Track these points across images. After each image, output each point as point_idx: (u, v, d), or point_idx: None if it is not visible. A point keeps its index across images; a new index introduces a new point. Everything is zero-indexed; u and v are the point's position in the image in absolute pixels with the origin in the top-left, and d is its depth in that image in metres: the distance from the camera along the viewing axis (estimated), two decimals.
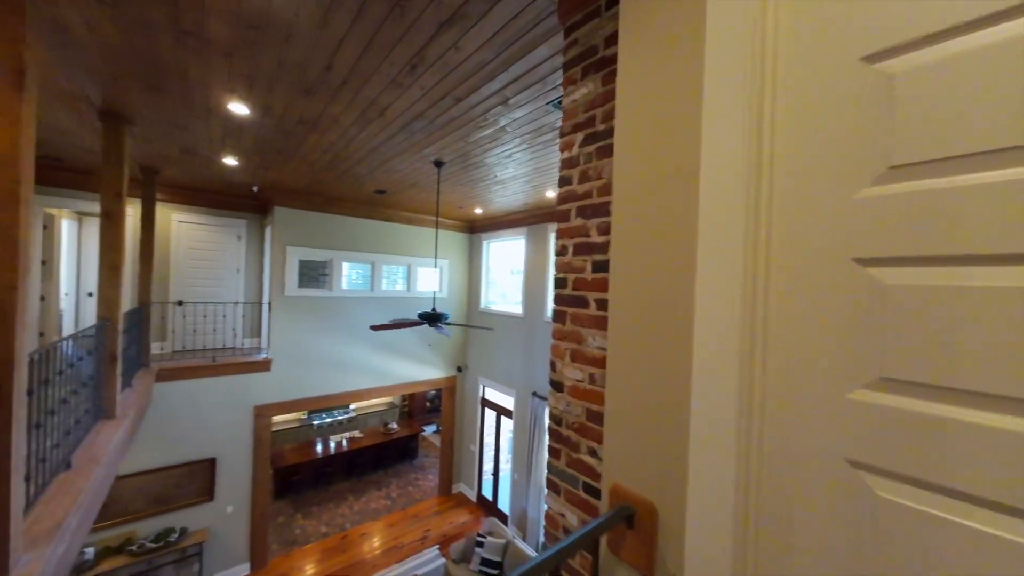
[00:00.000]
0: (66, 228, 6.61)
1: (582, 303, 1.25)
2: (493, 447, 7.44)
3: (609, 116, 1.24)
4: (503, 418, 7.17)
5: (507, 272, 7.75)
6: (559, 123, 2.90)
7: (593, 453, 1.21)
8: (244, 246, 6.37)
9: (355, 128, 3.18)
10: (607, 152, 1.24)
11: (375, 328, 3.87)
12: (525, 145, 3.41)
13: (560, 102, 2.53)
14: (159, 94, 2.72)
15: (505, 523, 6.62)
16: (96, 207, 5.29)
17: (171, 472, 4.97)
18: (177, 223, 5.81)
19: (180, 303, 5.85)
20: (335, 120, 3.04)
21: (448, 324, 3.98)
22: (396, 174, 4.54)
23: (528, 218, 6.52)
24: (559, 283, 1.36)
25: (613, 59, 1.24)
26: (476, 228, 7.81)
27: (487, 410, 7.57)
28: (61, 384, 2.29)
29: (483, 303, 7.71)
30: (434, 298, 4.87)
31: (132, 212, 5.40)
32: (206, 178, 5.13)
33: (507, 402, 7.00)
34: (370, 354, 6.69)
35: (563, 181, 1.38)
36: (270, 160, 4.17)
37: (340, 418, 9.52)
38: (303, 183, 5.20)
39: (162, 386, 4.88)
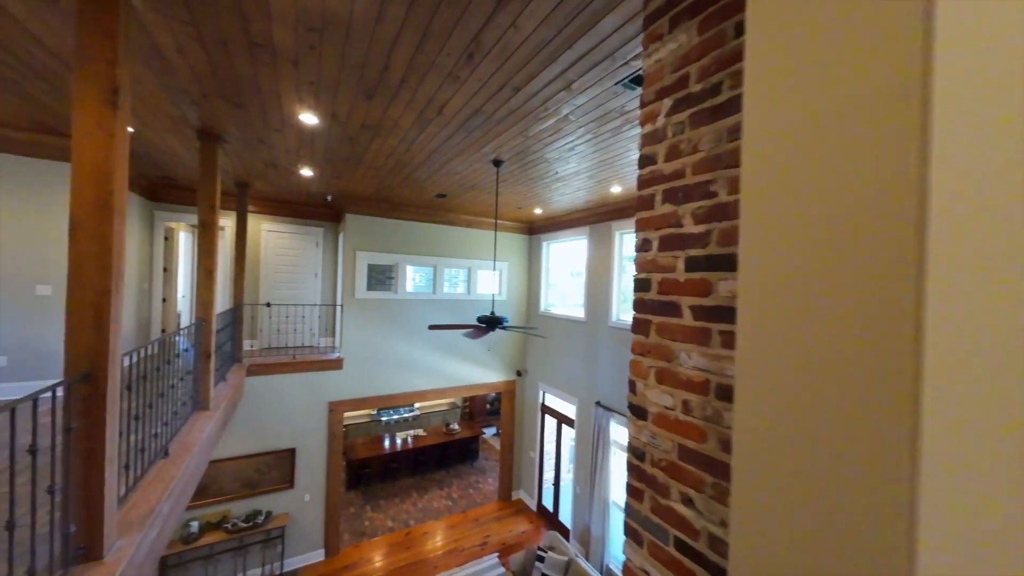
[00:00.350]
0: (183, 239, 7.67)
1: (672, 310, 0.99)
2: (554, 455, 7.17)
3: (707, 73, 0.97)
4: (564, 426, 6.87)
5: (567, 274, 7.46)
6: (628, 106, 2.61)
7: (688, 502, 0.94)
8: (321, 252, 6.85)
9: (414, 130, 3.17)
10: (705, 118, 0.97)
11: (433, 328, 3.85)
12: (589, 135, 3.14)
13: (632, 80, 2.25)
14: (242, 110, 2.93)
15: (567, 538, 6.31)
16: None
17: (258, 459, 5.45)
18: (266, 232, 6.42)
19: (268, 304, 6.43)
20: (395, 123, 3.05)
21: (506, 328, 3.83)
22: (455, 176, 4.53)
23: (590, 217, 6.18)
24: (640, 285, 1.10)
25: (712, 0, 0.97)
26: (535, 229, 7.64)
27: (547, 417, 7.33)
28: (159, 379, 2.50)
29: (543, 306, 7.50)
30: (493, 301, 4.76)
31: (229, 223, 6.06)
32: (288, 189, 5.58)
33: (568, 410, 6.70)
34: (432, 356, 6.81)
35: (644, 161, 1.12)
36: (339, 168, 4.38)
37: (406, 415, 9.90)
38: (370, 190, 5.43)
39: (252, 380, 5.37)
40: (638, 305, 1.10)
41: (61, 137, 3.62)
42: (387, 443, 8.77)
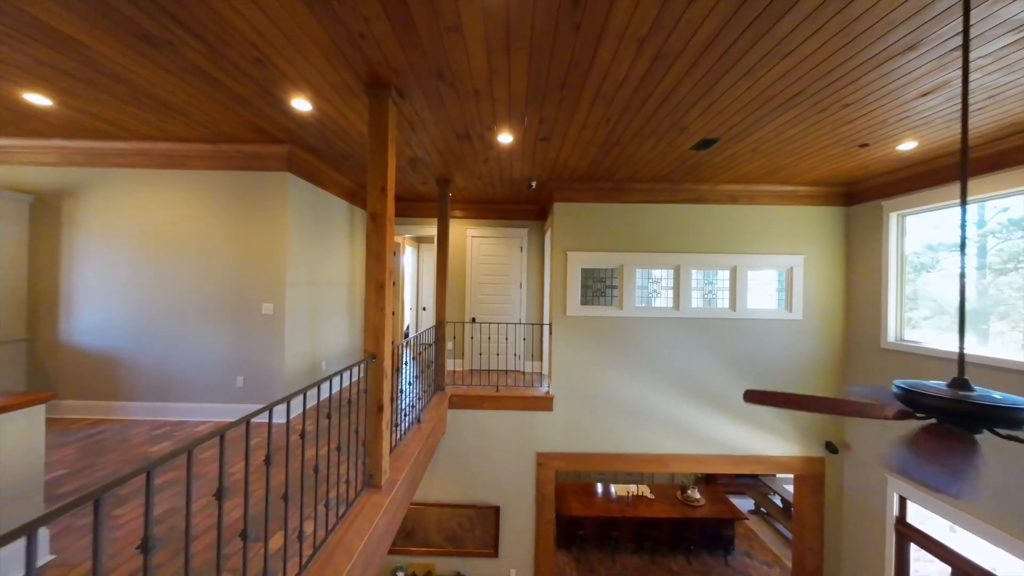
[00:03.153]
0: (409, 253, 8.08)
1: None
2: None
3: None
4: None
5: (948, 273, 3.77)
6: None
7: None
8: (525, 257, 5.68)
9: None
10: None
11: (752, 399, 1.62)
12: None
13: None
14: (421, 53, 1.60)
15: None
16: (424, 230, 5.74)
17: (462, 511, 4.50)
18: (470, 237, 5.70)
19: (473, 320, 5.65)
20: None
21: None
22: (737, 105, 2.22)
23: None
24: None
25: None
26: (865, 192, 4.27)
27: (910, 546, 3.79)
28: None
29: (890, 333, 4.02)
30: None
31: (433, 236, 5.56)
32: (489, 180, 4.52)
33: (983, 554, 3.09)
34: (679, 404, 4.52)
35: None
36: (550, 112, 2.78)
37: None
38: (587, 161, 3.73)
39: (455, 413, 4.49)
40: None
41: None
42: (599, 488, 6.91)
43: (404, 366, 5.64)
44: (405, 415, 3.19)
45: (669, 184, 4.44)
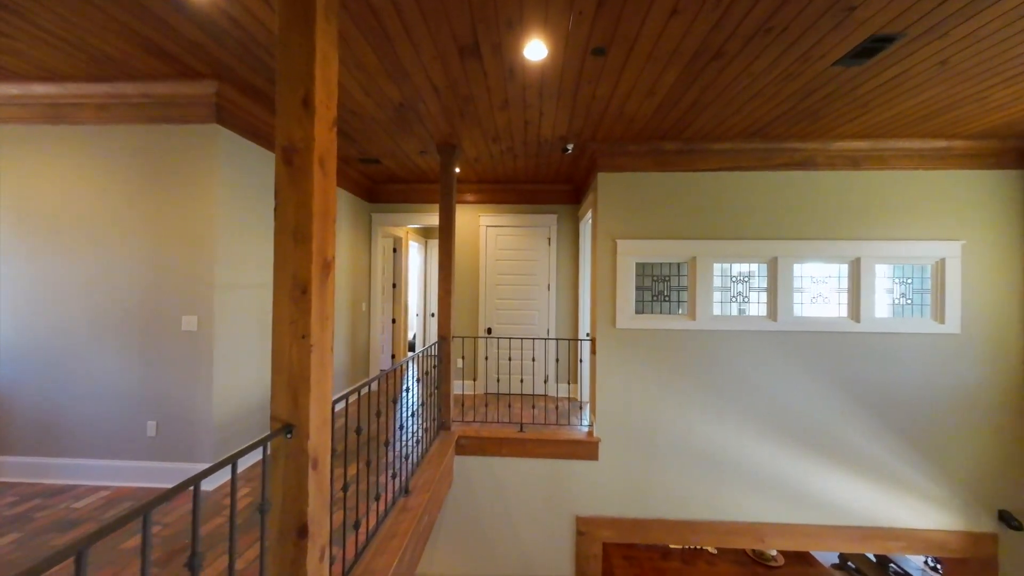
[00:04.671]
0: (414, 250, 6.97)
1: None
2: None
3: None
4: None
5: None
6: None
7: None
8: (555, 252, 4.46)
9: None
10: None
11: None
12: None
13: None
14: None
15: None
16: (432, 220, 4.60)
17: None
18: (485, 227, 4.52)
19: (489, 332, 4.47)
20: None
21: None
22: None
23: None
24: None
25: None
26: None
27: None
28: None
29: None
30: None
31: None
32: (506, 145, 3.33)
33: None
34: (771, 448, 3.21)
35: None
36: (604, 26, 1.56)
37: None
38: (655, 101, 2.49)
39: (465, 462, 3.31)
40: None
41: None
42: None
43: (405, 392, 4.51)
44: (394, 475, 2.03)
45: (763, 143, 3.14)
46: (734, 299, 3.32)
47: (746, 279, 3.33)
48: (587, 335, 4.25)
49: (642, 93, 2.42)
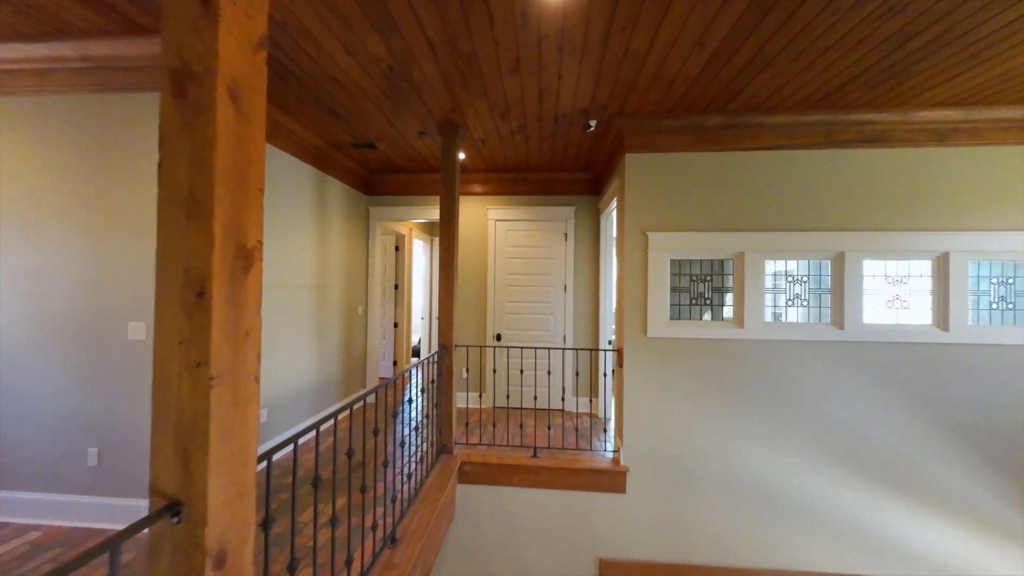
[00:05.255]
0: (419, 248, 6.55)
1: None
2: None
3: None
4: None
5: None
6: None
7: None
8: (571, 249, 3.97)
9: None
10: None
11: None
12: None
13: None
14: None
15: None
16: (437, 214, 4.17)
17: None
18: (494, 222, 4.06)
19: (498, 338, 4.01)
20: None
21: None
22: None
23: None
24: None
25: None
26: None
27: None
28: None
29: None
30: None
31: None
32: (517, 124, 2.86)
33: None
34: (837, 483, 2.66)
35: None
36: None
37: None
38: (704, 55, 1.99)
39: (469, 491, 2.85)
40: None
41: None
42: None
43: (407, 404, 4.09)
44: (374, 525, 1.59)
45: (828, 113, 2.61)
46: (790, 303, 2.79)
47: (805, 279, 2.79)
48: (609, 342, 3.75)
49: (688, 44, 1.93)
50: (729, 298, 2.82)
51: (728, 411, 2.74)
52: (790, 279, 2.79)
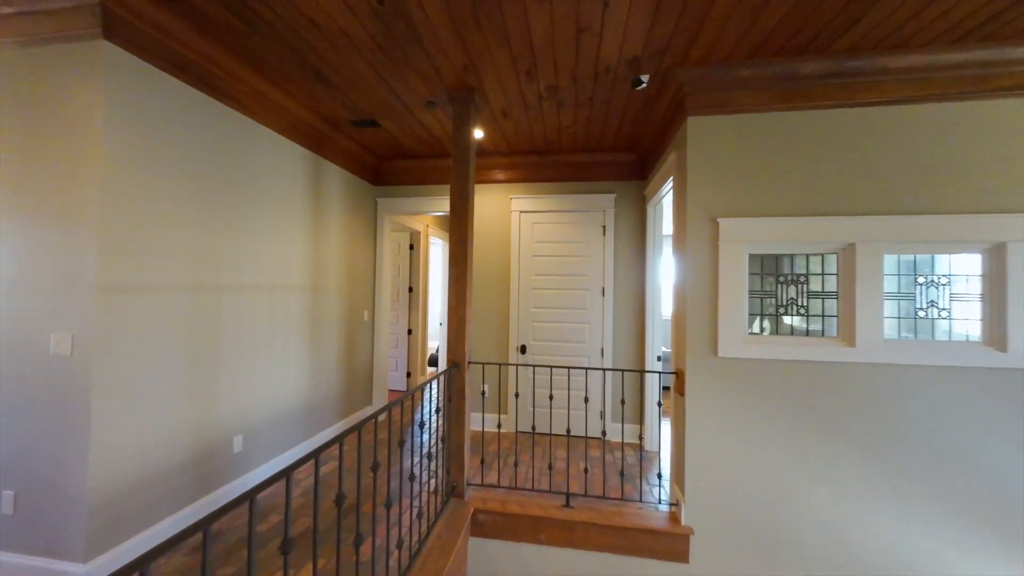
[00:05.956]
0: (437, 248, 6.07)
1: None
2: None
3: None
4: None
5: None
6: None
7: None
8: (611, 245, 3.33)
9: None
10: None
11: None
12: None
13: None
14: None
15: None
16: (448, 206, 3.66)
17: None
18: (518, 214, 3.48)
19: (523, 350, 3.42)
20: None
21: None
22: None
23: None
24: None
25: None
26: None
27: None
28: None
29: None
30: None
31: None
32: (546, 84, 2.27)
33: None
34: (996, 559, 1.87)
35: None
36: None
37: None
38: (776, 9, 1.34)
39: (484, 545, 2.26)
40: None
41: None
42: None
43: (420, 428, 3.59)
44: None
45: (982, 50, 1.86)
46: (923, 312, 2.04)
47: (939, 282, 2.04)
48: (658, 359, 3.07)
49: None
50: (832, 307, 2.10)
51: (834, 460, 2.02)
52: (922, 281, 2.04)
